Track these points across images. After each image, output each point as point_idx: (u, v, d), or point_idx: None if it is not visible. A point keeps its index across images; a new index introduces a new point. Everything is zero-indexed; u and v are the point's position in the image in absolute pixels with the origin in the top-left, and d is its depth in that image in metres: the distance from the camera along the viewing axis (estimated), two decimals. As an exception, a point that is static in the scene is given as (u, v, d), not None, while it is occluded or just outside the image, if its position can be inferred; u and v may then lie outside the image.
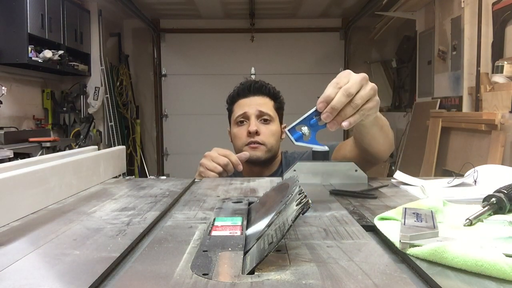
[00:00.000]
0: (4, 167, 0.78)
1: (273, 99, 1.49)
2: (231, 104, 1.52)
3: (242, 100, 1.47)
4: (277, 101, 1.50)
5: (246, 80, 1.53)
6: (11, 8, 3.43)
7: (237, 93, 1.49)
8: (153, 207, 0.77)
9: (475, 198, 0.79)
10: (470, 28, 3.27)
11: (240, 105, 1.46)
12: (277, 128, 1.47)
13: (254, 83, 1.48)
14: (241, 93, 1.48)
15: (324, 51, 6.09)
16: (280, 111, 1.51)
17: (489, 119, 2.72)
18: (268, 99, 1.48)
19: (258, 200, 0.77)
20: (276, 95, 1.50)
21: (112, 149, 1.18)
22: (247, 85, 1.48)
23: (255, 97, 1.46)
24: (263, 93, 1.47)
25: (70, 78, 4.60)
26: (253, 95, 1.47)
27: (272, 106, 1.48)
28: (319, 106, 0.80)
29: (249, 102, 1.45)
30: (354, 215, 0.71)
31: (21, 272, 0.47)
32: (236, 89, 1.51)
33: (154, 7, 5.48)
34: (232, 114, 1.50)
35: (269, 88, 1.49)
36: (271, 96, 1.49)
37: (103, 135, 4.93)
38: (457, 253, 0.46)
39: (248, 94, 1.47)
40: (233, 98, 1.51)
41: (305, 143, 0.79)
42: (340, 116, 0.81)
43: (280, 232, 0.48)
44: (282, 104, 1.53)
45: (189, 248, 0.53)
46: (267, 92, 1.48)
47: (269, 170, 1.49)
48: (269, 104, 1.47)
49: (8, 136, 3.33)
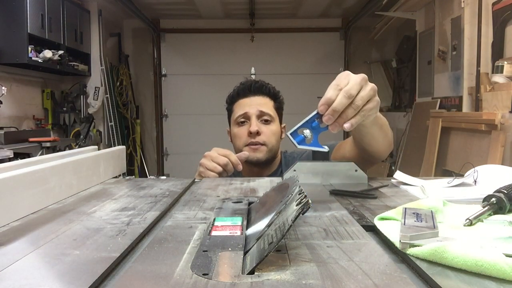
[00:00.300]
0: (4, 167, 0.78)
1: (273, 99, 1.49)
2: (230, 104, 1.51)
3: (242, 100, 1.47)
4: (277, 101, 1.50)
5: (246, 80, 1.53)
6: (11, 8, 3.43)
7: (237, 93, 1.49)
8: (153, 207, 0.77)
9: (475, 198, 0.79)
10: (470, 28, 3.27)
11: (240, 105, 1.46)
12: (277, 128, 1.48)
13: (254, 83, 1.48)
14: (241, 93, 1.48)
15: (324, 51, 6.09)
16: (280, 111, 1.51)
17: (489, 119, 2.72)
18: (268, 99, 1.48)
19: (258, 200, 0.77)
20: (276, 95, 1.50)
21: (112, 149, 1.18)
22: (247, 85, 1.48)
23: (255, 97, 1.46)
24: (263, 93, 1.47)
25: (70, 78, 4.60)
26: (253, 95, 1.47)
27: (272, 106, 1.48)
28: (320, 108, 0.80)
29: (250, 102, 1.45)
30: (354, 215, 0.71)
31: (21, 272, 0.46)
32: (236, 89, 1.50)
33: (154, 7, 5.48)
34: (232, 114, 1.50)
35: (269, 88, 1.49)
36: (271, 96, 1.49)
37: (103, 135, 4.93)
38: (457, 253, 0.46)
39: (248, 94, 1.47)
40: (233, 98, 1.50)
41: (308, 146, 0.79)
42: (342, 118, 0.81)
43: (280, 232, 0.48)
44: (282, 104, 1.53)
45: (189, 248, 0.53)
46: (267, 92, 1.48)
47: (269, 170, 1.49)
48: (269, 104, 1.47)
49: (8, 136, 3.33)
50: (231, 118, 1.50)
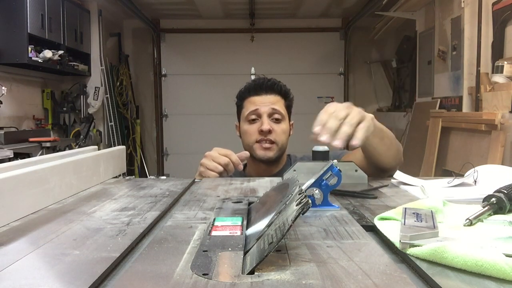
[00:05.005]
0: (4, 167, 0.78)
1: (284, 97, 1.50)
2: (241, 100, 1.51)
3: (254, 97, 1.47)
4: (287, 99, 1.51)
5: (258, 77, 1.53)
6: (11, 8, 3.42)
7: (248, 90, 1.49)
8: (153, 207, 0.77)
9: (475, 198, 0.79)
10: (470, 28, 3.27)
11: (251, 102, 1.46)
12: (287, 127, 1.49)
13: (267, 81, 1.48)
14: (252, 90, 1.48)
15: (324, 51, 6.09)
16: (289, 109, 1.52)
17: (489, 119, 2.72)
18: (279, 97, 1.48)
19: (258, 200, 0.77)
20: (287, 93, 1.51)
21: (112, 149, 1.18)
22: (260, 82, 1.48)
23: (267, 95, 1.46)
24: (275, 92, 1.48)
25: (70, 78, 4.60)
26: (265, 93, 1.47)
27: (283, 104, 1.48)
28: (316, 129, 0.87)
29: (262, 100, 1.46)
30: (354, 215, 0.71)
31: (21, 272, 0.46)
32: (248, 85, 1.50)
33: (154, 7, 5.48)
34: (242, 110, 1.50)
35: (280, 86, 1.50)
36: (282, 95, 1.49)
37: (103, 135, 4.93)
38: (457, 253, 0.46)
39: (260, 92, 1.47)
40: (243, 94, 1.50)
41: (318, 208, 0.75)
42: (340, 133, 0.87)
43: (280, 232, 0.48)
44: (291, 102, 1.53)
45: (189, 248, 0.53)
46: (279, 90, 1.48)
47: (276, 167, 1.49)
48: (281, 102, 1.48)
49: (8, 136, 3.32)
50: (241, 114, 1.50)
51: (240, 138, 1.53)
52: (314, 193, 0.74)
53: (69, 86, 4.63)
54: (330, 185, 0.74)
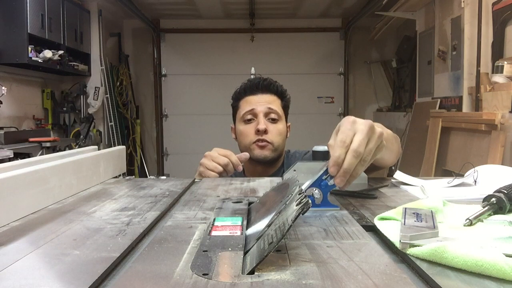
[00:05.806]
0: (4, 167, 0.78)
1: (281, 97, 1.48)
2: (236, 101, 1.49)
3: (250, 97, 1.45)
4: (284, 99, 1.49)
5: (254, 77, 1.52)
6: (11, 8, 3.43)
7: (244, 90, 1.47)
8: (153, 207, 0.77)
9: (475, 198, 0.79)
10: (470, 28, 3.27)
11: (247, 102, 1.45)
12: (284, 127, 1.47)
13: (263, 81, 1.46)
14: (248, 90, 1.46)
15: (324, 51, 6.09)
16: (286, 110, 1.51)
17: (489, 119, 2.72)
18: (275, 97, 1.47)
19: (258, 200, 0.77)
20: (283, 93, 1.49)
21: (112, 149, 1.18)
22: (256, 82, 1.46)
23: (263, 95, 1.45)
24: (271, 91, 1.46)
25: (70, 78, 4.60)
26: (261, 92, 1.45)
27: (280, 104, 1.47)
28: (331, 170, 0.73)
29: (257, 99, 1.44)
30: (354, 215, 0.71)
31: (21, 272, 0.46)
32: (243, 85, 1.48)
33: (154, 7, 5.48)
34: (238, 111, 1.48)
35: (277, 86, 1.48)
36: (278, 94, 1.48)
37: (103, 135, 4.93)
38: (457, 253, 0.46)
39: (256, 92, 1.45)
40: (239, 95, 1.48)
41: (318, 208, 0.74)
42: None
43: (280, 232, 0.48)
44: (288, 103, 1.52)
45: (189, 248, 0.53)
46: (275, 90, 1.47)
47: (273, 168, 1.48)
48: (277, 102, 1.46)
49: (8, 136, 3.32)
50: (237, 115, 1.48)
51: (236, 140, 1.50)
52: (313, 193, 0.74)
53: (69, 86, 4.63)
54: (329, 185, 0.74)
